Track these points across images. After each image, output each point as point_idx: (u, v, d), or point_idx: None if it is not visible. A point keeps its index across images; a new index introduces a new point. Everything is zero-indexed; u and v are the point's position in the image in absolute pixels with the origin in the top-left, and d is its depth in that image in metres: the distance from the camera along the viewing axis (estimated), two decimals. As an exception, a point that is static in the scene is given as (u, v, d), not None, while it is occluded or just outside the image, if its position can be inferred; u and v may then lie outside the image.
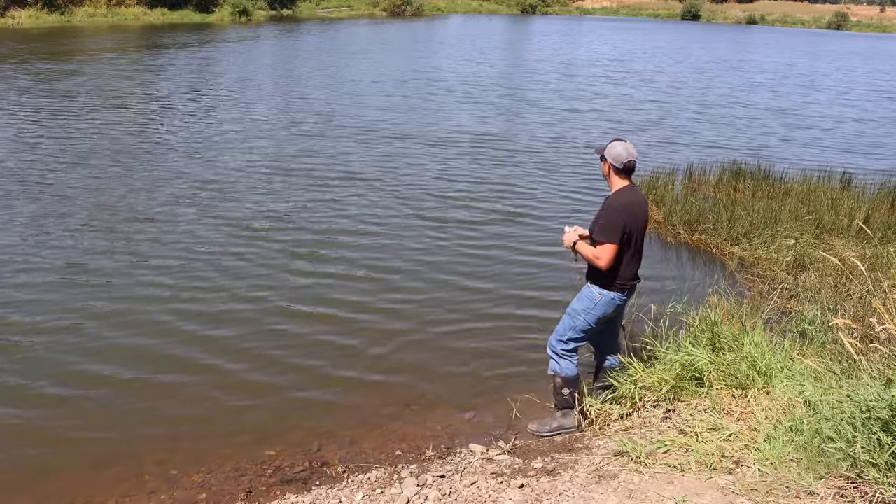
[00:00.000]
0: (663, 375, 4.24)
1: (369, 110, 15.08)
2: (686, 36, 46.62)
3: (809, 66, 29.87)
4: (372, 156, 11.20)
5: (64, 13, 34.86)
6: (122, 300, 6.02)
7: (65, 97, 15.11)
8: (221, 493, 3.86)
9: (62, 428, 4.41)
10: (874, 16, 76.23)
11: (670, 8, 73.95)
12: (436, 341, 5.64)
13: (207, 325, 5.70)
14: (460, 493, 3.62)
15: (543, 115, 15.58)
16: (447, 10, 60.65)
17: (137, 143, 11.53)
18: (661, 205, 8.70)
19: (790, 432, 3.49)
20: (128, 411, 4.60)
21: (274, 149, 11.42)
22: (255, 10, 42.66)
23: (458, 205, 9.00)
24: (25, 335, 5.43)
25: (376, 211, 8.61)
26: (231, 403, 4.72)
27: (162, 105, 14.84)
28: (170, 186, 9.17)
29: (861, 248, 7.31)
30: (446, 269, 7.02)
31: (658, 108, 17.38)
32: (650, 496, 3.32)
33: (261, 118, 13.90)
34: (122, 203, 8.47)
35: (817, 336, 4.74)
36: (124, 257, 6.92)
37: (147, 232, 7.59)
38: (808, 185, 9.29)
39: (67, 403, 4.66)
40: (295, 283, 6.50)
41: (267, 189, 9.24)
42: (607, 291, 4.19)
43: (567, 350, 4.34)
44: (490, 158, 11.51)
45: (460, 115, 15.06)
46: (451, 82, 19.97)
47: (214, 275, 6.61)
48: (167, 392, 4.82)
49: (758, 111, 17.46)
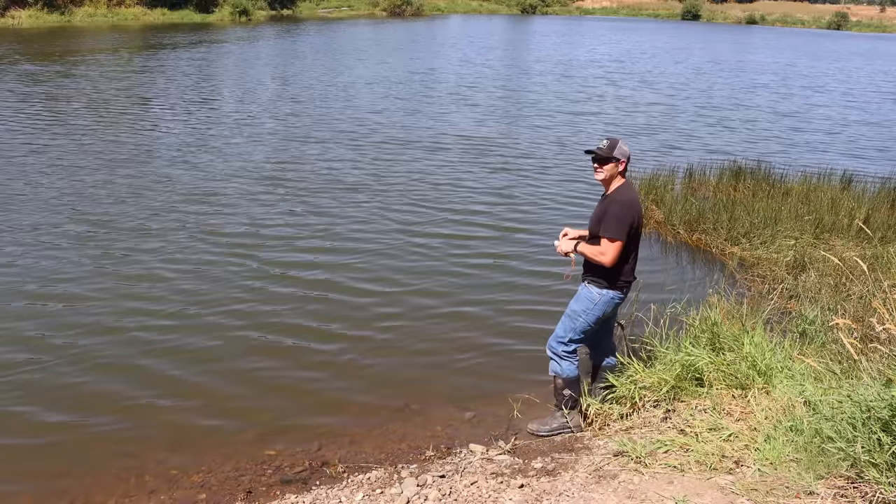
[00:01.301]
0: (663, 375, 4.24)
1: (364, 114, 14.84)
2: (686, 36, 46.64)
3: (811, 68, 29.87)
4: (365, 162, 10.86)
5: (64, 13, 34.87)
6: (123, 299, 6.03)
7: (52, 99, 14.91)
8: (221, 493, 3.86)
9: (62, 428, 4.41)
10: (874, 16, 76.27)
11: (670, 8, 73.99)
12: (436, 341, 5.63)
13: (208, 326, 5.70)
14: (460, 493, 3.62)
15: (543, 118, 15.39)
16: (447, 10, 60.68)
17: (127, 148, 11.11)
18: (661, 205, 8.69)
19: (790, 432, 3.49)
20: (127, 411, 4.59)
21: (263, 156, 11.03)
22: (255, 10, 42.70)
23: (459, 204, 9.00)
24: (24, 333, 5.44)
25: (375, 210, 8.62)
26: (231, 403, 4.72)
27: (154, 109, 14.56)
28: (153, 196, 8.73)
29: (861, 248, 7.31)
30: (446, 268, 7.02)
31: (659, 110, 17.35)
32: (650, 496, 3.32)
33: (254, 123, 13.56)
34: (99, 212, 8.04)
35: (817, 336, 4.74)
36: (108, 265, 6.91)
37: (129, 243, 7.27)
38: (808, 185, 9.28)
39: (66, 404, 4.66)
40: (294, 284, 6.50)
41: (254, 199, 8.81)
42: (606, 291, 4.19)
43: (567, 351, 4.34)
44: (486, 165, 11.50)
45: (457, 119, 14.88)
46: (450, 84, 19.85)
47: (214, 276, 6.61)
48: (167, 392, 4.82)
49: (761, 114, 17.29)
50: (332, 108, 15.35)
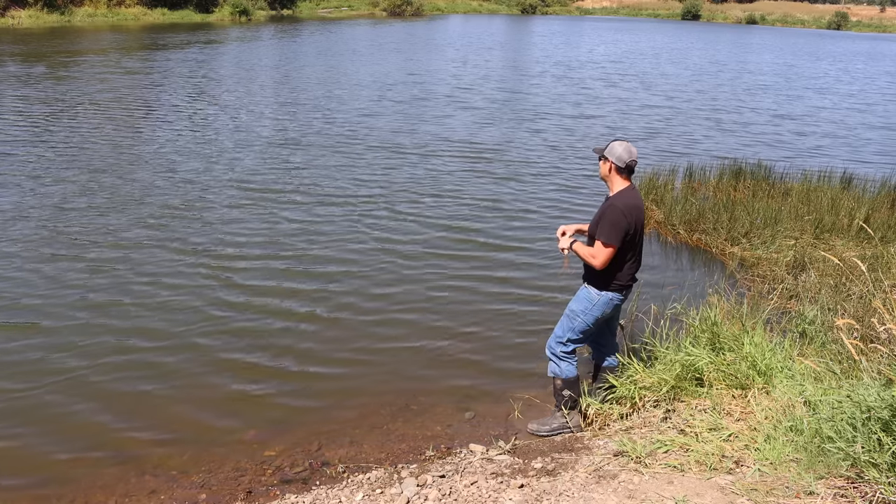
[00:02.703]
0: (663, 375, 4.24)
1: (359, 117, 14.38)
2: (687, 37, 46.66)
3: (813, 69, 29.86)
4: (360, 168, 10.51)
5: (64, 13, 34.89)
6: (122, 300, 6.04)
7: (42, 102, 14.76)
8: (221, 493, 3.86)
9: (62, 428, 4.42)
10: (874, 16, 76.33)
11: (670, 8, 74.09)
12: (436, 341, 5.63)
13: (208, 328, 5.70)
14: (460, 493, 3.62)
15: (544, 121, 15.16)
16: (447, 10, 60.75)
17: (116, 154, 10.72)
18: (661, 205, 8.69)
19: (790, 432, 3.49)
20: (127, 411, 4.60)
21: (253, 162, 10.52)
22: (255, 10, 42.77)
23: (458, 204, 9.00)
24: (24, 333, 5.45)
25: (377, 210, 8.62)
26: (231, 404, 4.72)
27: (148, 112, 14.26)
28: (136, 208, 8.33)
29: (861, 248, 7.32)
30: (446, 268, 7.02)
31: (659, 111, 17.36)
32: (650, 496, 3.32)
33: (246, 128, 12.97)
34: (78, 224, 7.71)
35: (817, 336, 4.74)
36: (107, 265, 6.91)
37: (113, 252, 7.12)
38: (808, 185, 9.29)
39: (67, 404, 4.66)
40: (294, 285, 6.51)
41: (241, 210, 8.42)
42: (605, 292, 4.19)
43: (566, 352, 4.34)
44: (486, 170, 11.49)
45: (454, 123, 14.49)
46: (448, 86, 19.71)
47: (212, 278, 6.61)
48: (167, 392, 4.82)
49: (761, 115, 17.25)
50: (329, 112, 15.03)
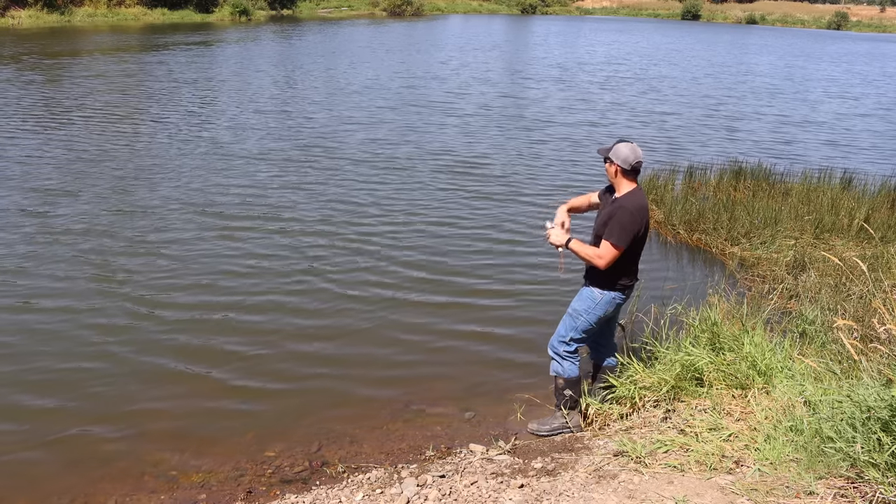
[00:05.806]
0: (663, 375, 4.24)
1: (351, 125, 13.68)
2: (687, 37, 46.64)
3: (815, 70, 29.82)
4: (347, 186, 9.90)
5: (64, 13, 34.88)
6: (123, 297, 6.04)
7: (45, 102, 14.77)
8: (221, 493, 3.86)
9: (61, 428, 4.41)
10: (874, 16, 76.34)
11: (670, 8, 74.09)
12: (435, 341, 5.63)
13: (208, 329, 5.70)
14: (460, 493, 3.62)
15: (546, 126, 14.87)
16: (447, 11, 60.75)
17: (106, 157, 10.47)
18: (661, 205, 8.69)
19: (790, 432, 3.49)
20: (127, 411, 4.59)
21: (243, 170, 10.09)
22: (255, 10, 42.76)
23: (460, 203, 9.01)
24: (22, 334, 5.45)
25: (379, 211, 8.62)
26: (231, 404, 4.72)
27: (143, 113, 14.04)
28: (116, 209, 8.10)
29: (861, 247, 7.32)
30: (446, 268, 7.02)
31: (658, 111, 17.35)
32: (650, 496, 3.32)
33: (232, 138, 12.13)
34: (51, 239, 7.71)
35: (817, 336, 4.74)
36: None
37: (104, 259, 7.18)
38: (809, 185, 9.29)
39: (66, 404, 4.66)
40: (293, 285, 6.51)
41: (246, 205, 8.43)
42: (608, 291, 4.19)
43: (569, 351, 4.34)
44: (484, 171, 11.48)
45: (451, 132, 13.77)
46: (447, 88, 19.60)
47: (211, 280, 6.62)
48: (167, 392, 4.82)
49: (761, 115, 17.24)
50: (321, 119, 14.41)
